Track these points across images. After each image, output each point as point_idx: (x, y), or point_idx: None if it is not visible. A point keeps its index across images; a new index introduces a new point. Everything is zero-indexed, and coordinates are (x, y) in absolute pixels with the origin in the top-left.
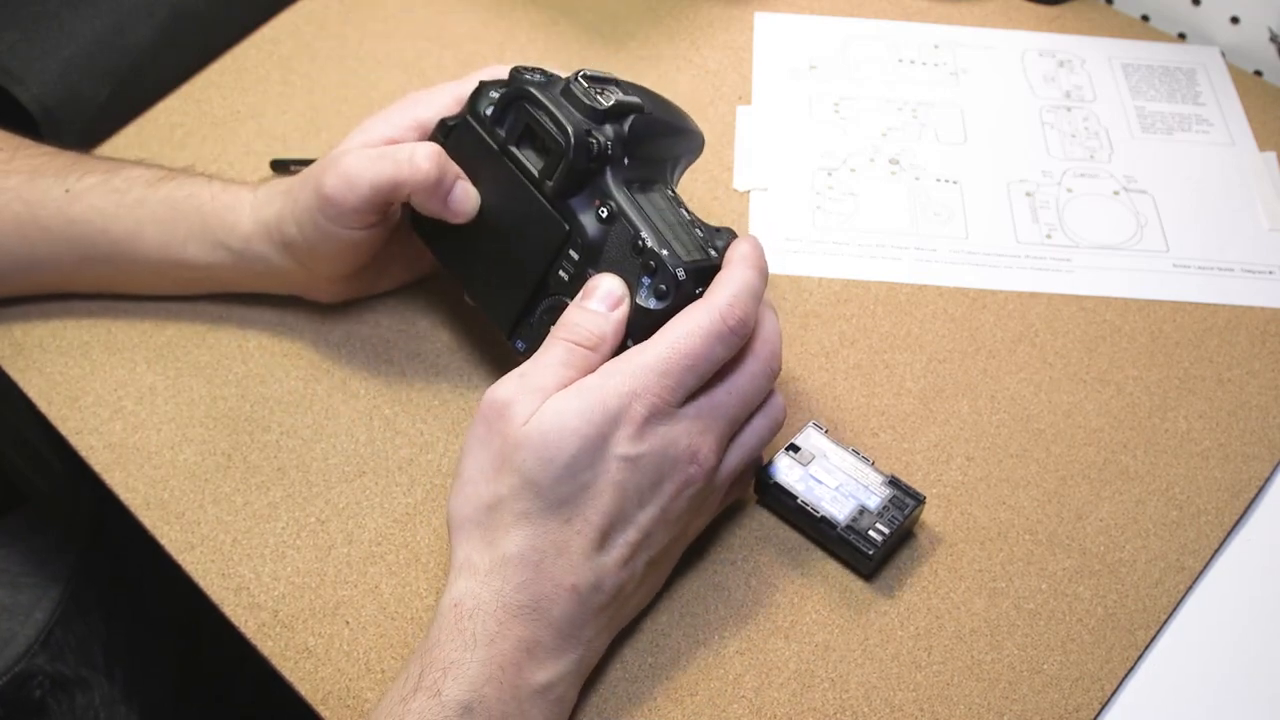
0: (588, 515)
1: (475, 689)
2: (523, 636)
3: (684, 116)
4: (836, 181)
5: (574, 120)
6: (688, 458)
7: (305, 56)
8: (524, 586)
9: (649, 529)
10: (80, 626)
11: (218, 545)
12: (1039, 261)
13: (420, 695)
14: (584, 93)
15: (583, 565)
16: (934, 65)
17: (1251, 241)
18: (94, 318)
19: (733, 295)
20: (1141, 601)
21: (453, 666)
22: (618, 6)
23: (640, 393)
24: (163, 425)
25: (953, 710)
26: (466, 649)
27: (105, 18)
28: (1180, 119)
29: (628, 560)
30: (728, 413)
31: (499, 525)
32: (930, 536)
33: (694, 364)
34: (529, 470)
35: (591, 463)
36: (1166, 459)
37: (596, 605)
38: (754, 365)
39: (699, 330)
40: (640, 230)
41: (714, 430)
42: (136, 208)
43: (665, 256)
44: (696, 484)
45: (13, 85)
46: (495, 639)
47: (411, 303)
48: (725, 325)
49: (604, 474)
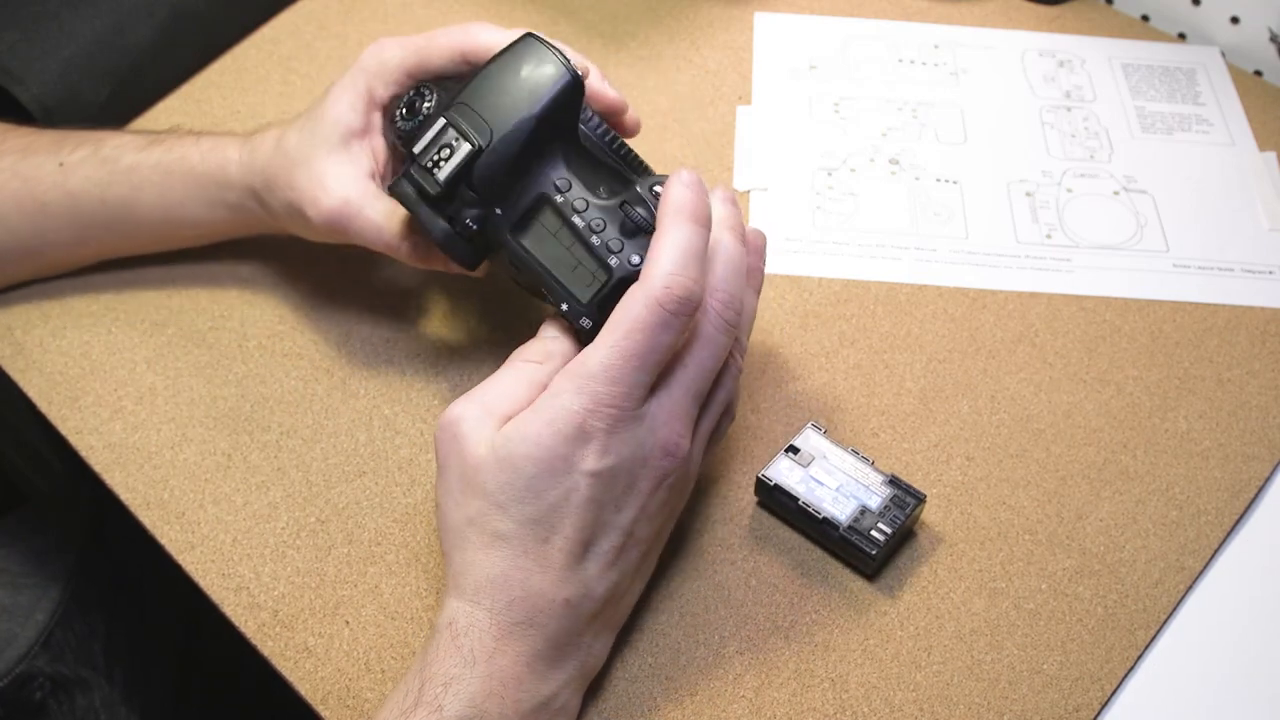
0: (565, 532)
1: (476, 704)
2: (521, 652)
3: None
4: (836, 181)
5: (434, 220)
6: (660, 453)
7: (305, 56)
8: (514, 605)
9: (630, 529)
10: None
11: (218, 545)
12: (1039, 261)
13: (421, 710)
14: (424, 176)
15: (570, 578)
16: (934, 65)
17: (1251, 241)
18: (94, 318)
19: (668, 272)
20: (1141, 601)
21: (453, 682)
22: (618, 6)
23: (593, 408)
24: (163, 425)
25: (953, 710)
26: (465, 665)
27: (105, 18)
28: (1180, 119)
29: (614, 563)
30: (691, 389)
31: (475, 545)
32: (930, 536)
33: (642, 362)
34: (491, 493)
35: (557, 483)
36: (1166, 459)
37: (590, 612)
38: (708, 329)
39: (639, 325)
40: (543, 283)
41: (680, 414)
42: (130, 174)
43: (565, 311)
44: (674, 473)
45: (13, 85)
46: (494, 655)
47: (412, 303)
48: (665, 311)
49: (574, 491)
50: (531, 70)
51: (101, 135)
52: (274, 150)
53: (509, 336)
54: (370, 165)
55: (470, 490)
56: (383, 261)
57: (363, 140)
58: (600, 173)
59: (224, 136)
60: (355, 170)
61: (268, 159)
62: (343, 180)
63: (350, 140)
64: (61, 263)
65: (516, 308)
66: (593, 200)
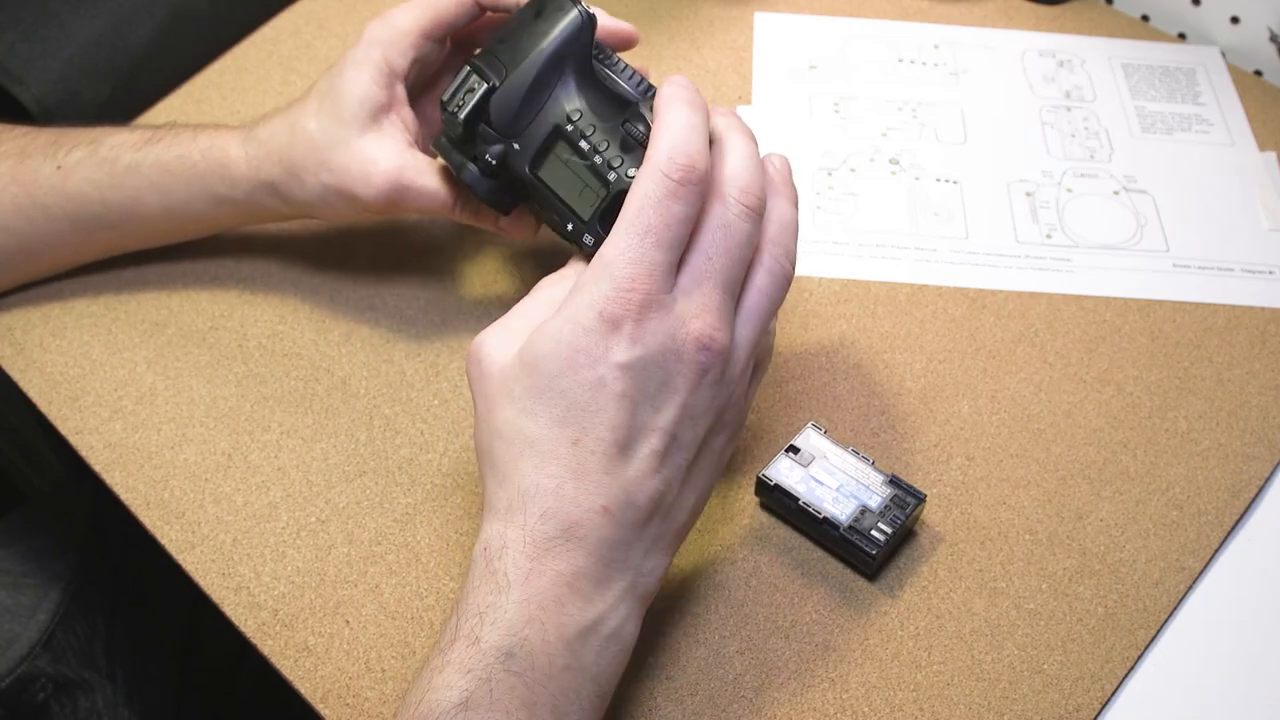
0: (597, 432)
1: (515, 632)
2: (560, 571)
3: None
4: (836, 181)
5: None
6: (695, 345)
7: (305, 56)
8: (548, 517)
9: (673, 431)
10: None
11: (218, 545)
12: (1039, 261)
13: (459, 644)
14: (449, 122)
15: (607, 483)
16: (934, 65)
17: (1251, 241)
18: (94, 318)
19: (669, 144)
20: (1141, 601)
21: (489, 610)
22: (618, 6)
23: (613, 293)
24: (163, 425)
25: (953, 710)
26: (500, 591)
27: (105, 18)
28: (1180, 119)
29: (657, 469)
30: (717, 277)
31: (506, 459)
32: (930, 536)
33: (657, 238)
34: (516, 398)
35: (584, 377)
36: (1166, 459)
37: (635, 521)
38: (721, 210)
39: (647, 200)
40: (555, 211)
41: (712, 304)
42: (130, 175)
43: (570, 232)
44: (714, 369)
45: (13, 85)
46: (530, 576)
47: (412, 302)
48: (671, 180)
49: (603, 386)
50: (547, 13)
51: (97, 134)
52: (291, 138)
53: None
54: (406, 136)
55: (496, 403)
56: (384, 261)
57: (390, 114)
58: (614, 104)
59: (221, 131)
60: (396, 143)
61: (285, 149)
62: (389, 153)
63: (379, 115)
64: (65, 262)
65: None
66: (599, 124)
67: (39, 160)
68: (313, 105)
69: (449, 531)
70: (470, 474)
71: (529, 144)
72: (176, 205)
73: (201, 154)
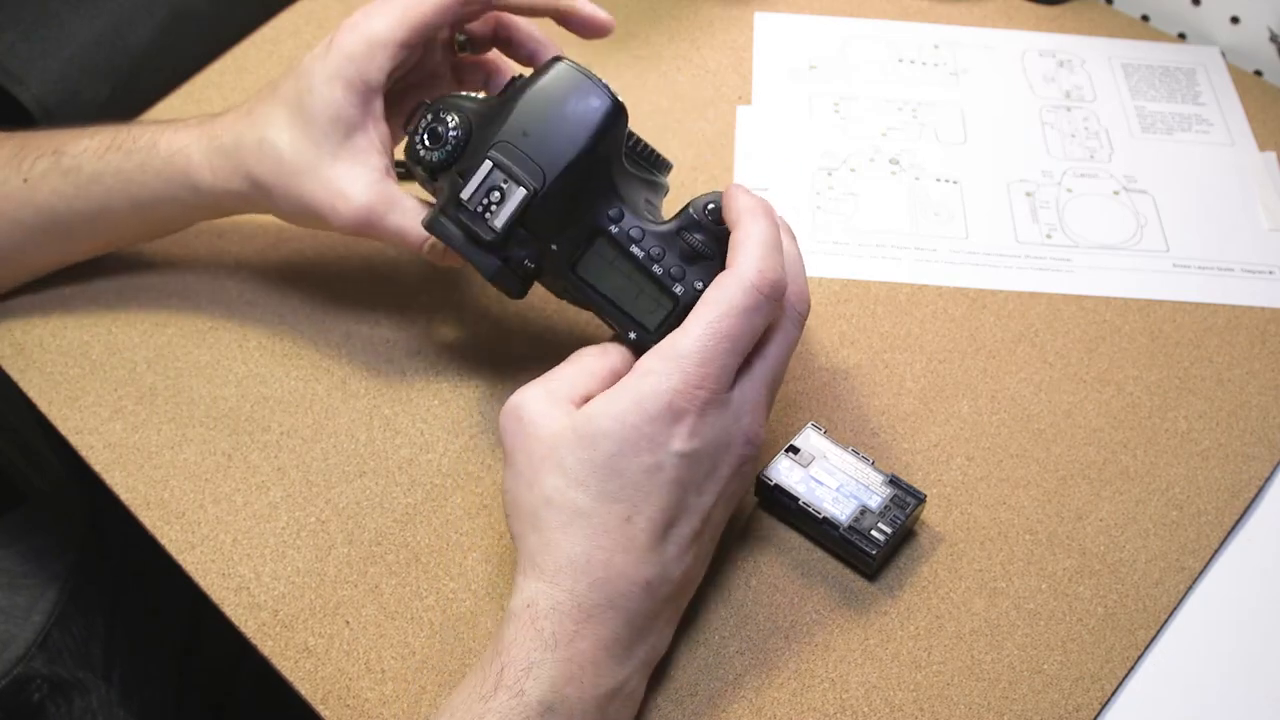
0: (648, 512)
1: (557, 689)
2: (601, 636)
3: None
4: (836, 181)
5: (486, 264)
6: (743, 440)
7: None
8: (597, 586)
9: (708, 514)
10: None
11: (218, 545)
12: (1039, 261)
13: (501, 694)
14: (473, 220)
15: (651, 559)
16: (934, 65)
17: (1251, 241)
18: (94, 318)
19: (759, 258)
20: (1141, 601)
21: (534, 667)
22: (618, 6)
23: (684, 388)
24: (163, 425)
25: (953, 710)
26: (546, 649)
27: (105, 18)
28: (1180, 119)
29: (690, 547)
30: (770, 380)
31: (553, 525)
32: (930, 536)
33: (734, 344)
34: (570, 469)
35: (643, 461)
36: (1166, 459)
37: (666, 596)
38: (789, 324)
39: (735, 308)
40: (603, 313)
41: (761, 404)
42: (93, 185)
43: (633, 340)
44: (751, 460)
45: (13, 85)
46: (574, 639)
47: (412, 302)
48: (760, 295)
49: (660, 471)
50: (575, 102)
51: (59, 142)
52: (259, 153)
53: (510, 336)
54: (381, 160)
55: (545, 469)
56: (384, 262)
57: (363, 131)
58: (640, 189)
59: (181, 131)
60: (369, 172)
61: (253, 164)
62: (360, 185)
63: (353, 134)
64: (49, 266)
65: (518, 308)
66: (648, 228)
67: (6, 173)
68: (281, 116)
69: (449, 531)
70: (470, 474)
71: (567, 244)
72: (147, 206)
73: (164, 162)
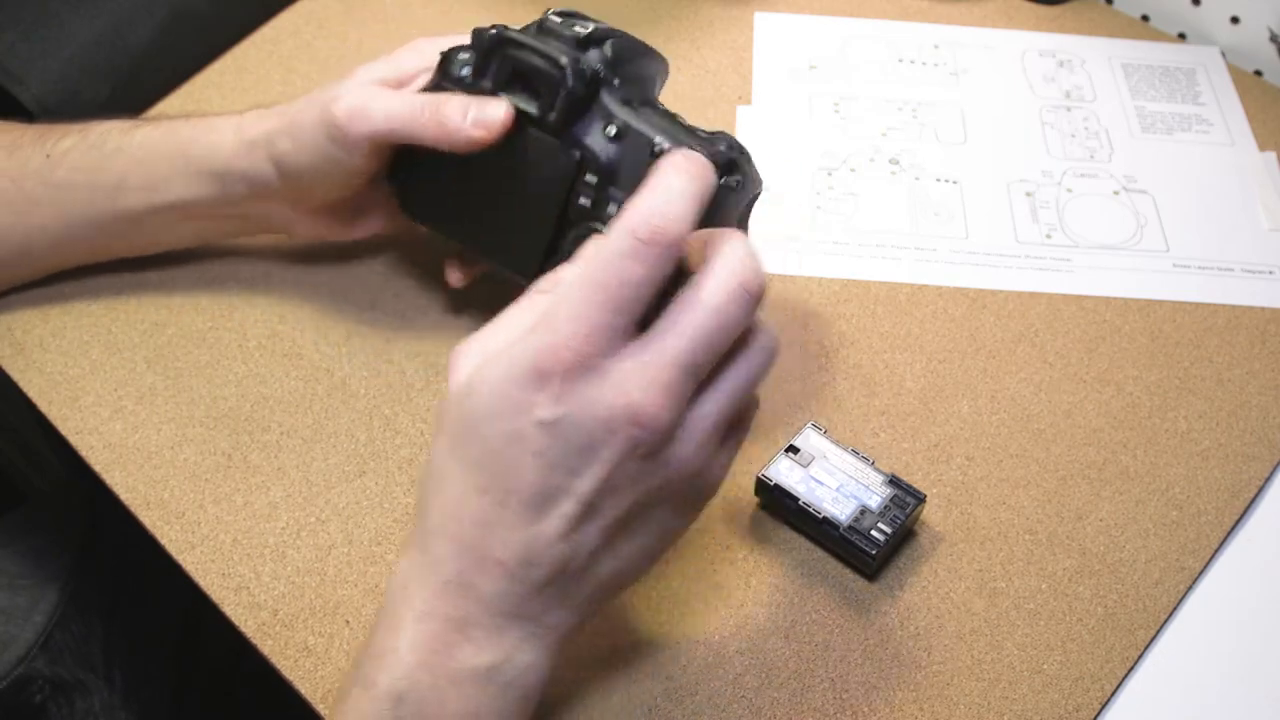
0: (506, 485)
1: (407, 674)
2: (451, 615)
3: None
4: (836, 181)
5: (564, 49)
6: (625, 418)
7: (305, 56)
8: (450, 559)
9: (590, 500)
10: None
11: (218, 545)
12: (1039, 261)
13: (355, 689)
14: (561, 26)
15: (509, 539)
16: (934, 65)
17: (1251, 241)
18: (94, 318)
19: (648, 205)
20: (1141, 601)
21: (386, 654)
22: (618, 6)
23: (548, 348)
24: (163, 425)
25: (953, 710)
26: (396, 633)
27: (105, 18)
28: (1180, 119)
29: (567, 534)
30: (679, 359)
31: (429, 491)
32: (930, 536)
33: (606, 297)
34: (449, 431)
35: (503, 427)
36: (1166, 459)
37: (535, 581)
38: (710, 293)
39: (603, 253)
40: (654, 136)
41: (661, 383)
42: (116, 156)
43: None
44: (645, 445)
45: (13, 85)
46: (423, 618)
47: (412, 302)
48: (634, 238)
49: (520, 440)
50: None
51: (90, 124)
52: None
53: None
54: None
55: (438, 430)
56: (385, 263)
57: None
58: None
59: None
60: None
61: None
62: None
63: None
64: (48, 262)
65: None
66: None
67: (29, 150)
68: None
69: None
70: None
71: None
72: (156, 186)
73: (191, 127)
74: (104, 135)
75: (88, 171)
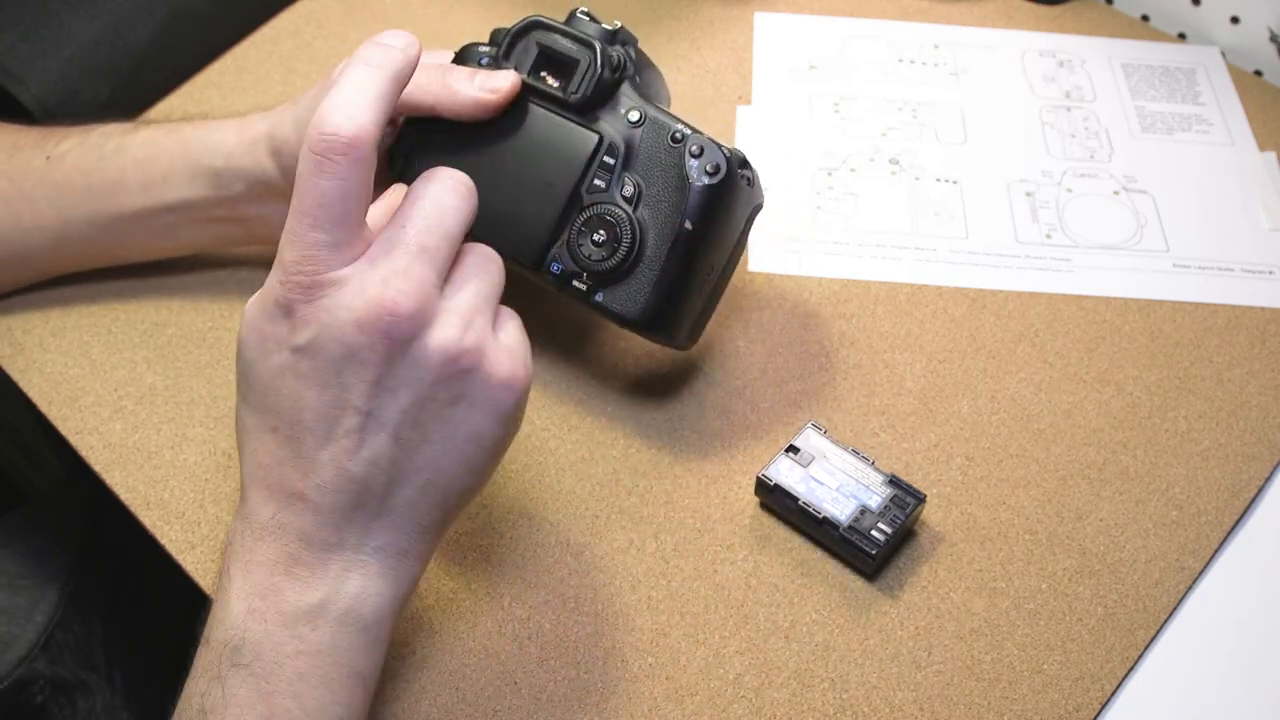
0: (287, 416)
1: (238, 626)
2: (273, 558)
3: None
4: (836, 181)
5: (595, 34)
6: (372, 313)
7: (305, 56)
8: (262, 503)
9: (367, 408)
10: (80, 628)
11: (218, 545)
12: (1039, 261)
13: (200, 649)
14: (590, 19)
15: (304, 467)
16: (934, 65)
17: (1251, 241)
18: (94, 318)
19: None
20: (1141, 601)
21: (217, 609)
22: (618, 6)
23: (284, 278)
24: (163, 425)
25: (953, 710)
26: (226, 589)
27: (105, 18)
28: (1180, 119)
29: (356, 449)
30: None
31: (240, 451)
32: (930, 536)
33: (313, 218)
34: (239, 384)
35: (270, 364)
36: (1166, 459)
37: (340, 505)
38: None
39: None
40: (675, 123)
41: (399, 269)
42: (116, 156)
43: (708, 138)
44: (401, 333)
45: (13, 85)
46: (248, 567)
47: None
48: (312, 154)
49: (285, 371)
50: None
51: (90, 125)
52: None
53: None
54: None
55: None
56: None
57: None
58: None
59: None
60: None
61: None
62: None
63: None
64: (47, 268)
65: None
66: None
67: (29, 152)
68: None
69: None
70: None
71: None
72: (155, 185)
73: (193, 125)
74: (105, 136)
75: (87, 172)
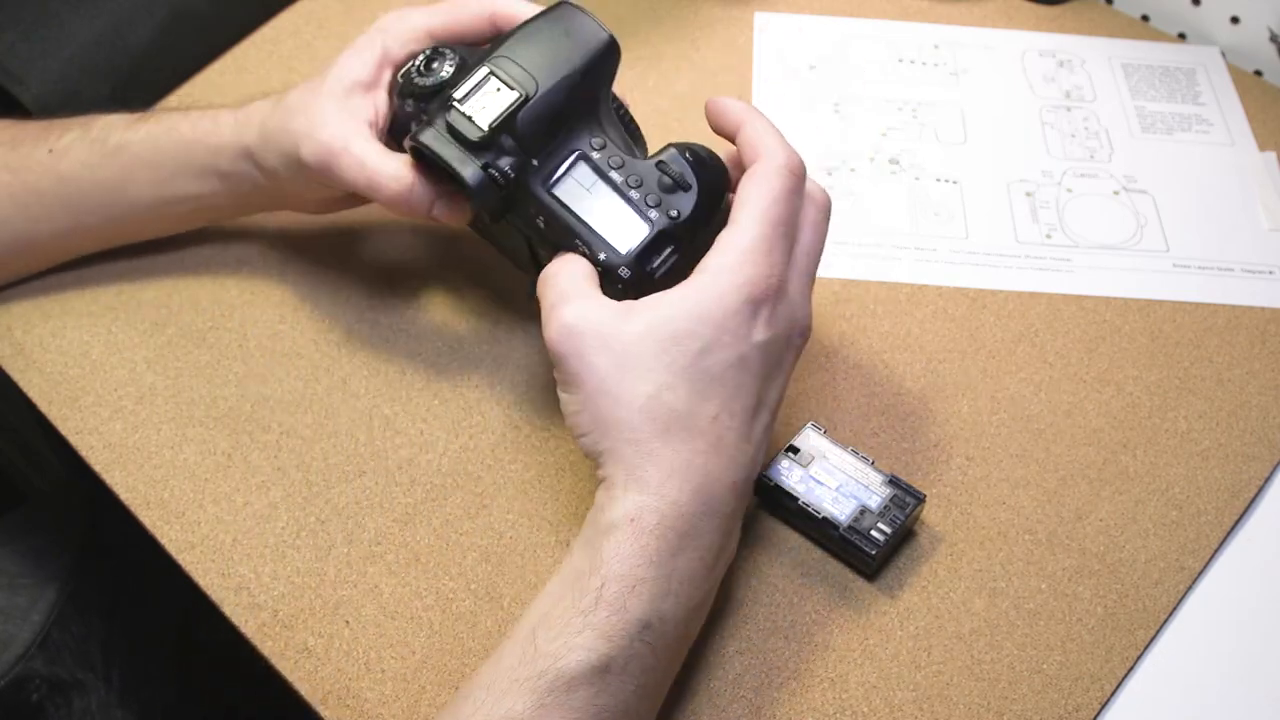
0: (732, 408)
1: (656, 605)
2: (700, 548)
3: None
4: (836, 181)
5: (468, 165)
6: (800, 330)
7: (305, 56)
8: (698, 493)
9: (774, 407)
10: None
11: (217, 545)
12: (1039, 261)
13: (602, 609)
14: (461, 121)
15: (738, 458)
16: (934, 65)
17: (1251, 241)
18: (94, 318)
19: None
20: (1141, 601)
21: (640, 584)
22: (618, 6)
23: (759, 279)
24: (163, 425)
25: (953, 710)
26: (652, 566)
27: (105, 18)
28: (1180, 119)
29: (763, 442)
30: (810, 270)
31: (650, 435)
32: (930, 536)
33: (787, 229)
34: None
35: (728, 356)
36: (1166, 459)
37: (744, 494)
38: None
39: (779, 194)
40: (576, 236)
41: (808, 294)
42: (120, 153)
43: (603, 262)
44: (800, 347)
45: (13, 85)
46: (677, 553)
47: (412, 302)
48: (794, 176)
49: (744, 364)
50: (574, 30)
51: (89, 118)
52: (273, 107)
53: (510, 336)
54: (370, 114)
55: (631, 378)
56: (383, 261)
57: (366, 94)
58: (621, 139)
59: (221, 109)
60: (353, 117)
61: (266, 115)
62: (339, 120)
63: (354, 91)
64: (55, 254)
65: (519, 309)
66: (627, 159)
67: (30, 146)
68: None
69: (449, 531)
70: (469, 474)
71: (548, 163)
72: (163, 182)
73: (191, 125)
74: (106, 130)
75: (92, 167)
